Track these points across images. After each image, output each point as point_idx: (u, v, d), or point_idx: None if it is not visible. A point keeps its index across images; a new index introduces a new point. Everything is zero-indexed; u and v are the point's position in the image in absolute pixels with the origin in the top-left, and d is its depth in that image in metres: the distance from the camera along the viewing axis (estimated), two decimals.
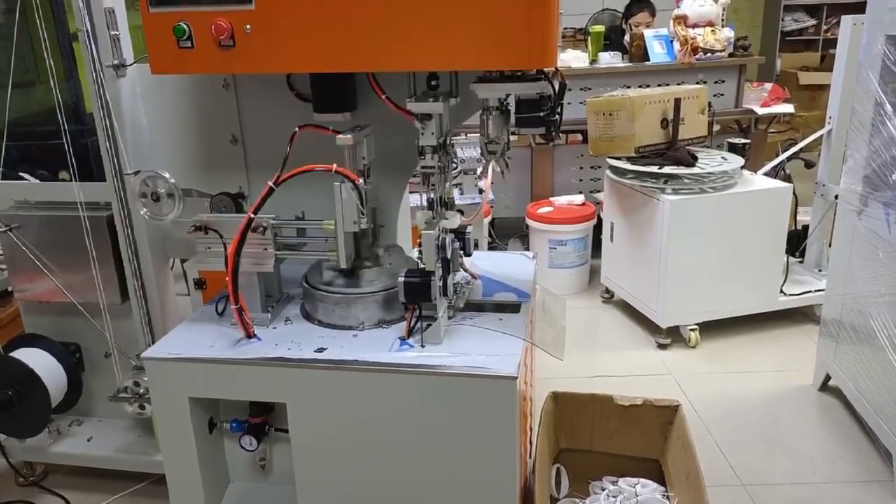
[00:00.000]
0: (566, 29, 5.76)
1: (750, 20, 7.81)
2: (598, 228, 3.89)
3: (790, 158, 3.57)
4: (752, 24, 7.79)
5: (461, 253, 1.70)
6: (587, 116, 3.40)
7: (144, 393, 2.05)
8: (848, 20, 3.09)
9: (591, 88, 4.11)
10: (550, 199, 4.11)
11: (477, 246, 1.71)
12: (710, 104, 3.50)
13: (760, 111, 4.21)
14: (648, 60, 4.14)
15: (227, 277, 1.55)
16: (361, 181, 1.57)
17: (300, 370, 1.54)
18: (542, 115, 1.55)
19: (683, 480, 1.95)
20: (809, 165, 3.79)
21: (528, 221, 3.97)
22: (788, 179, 3.47)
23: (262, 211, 1.58)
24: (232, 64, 1.47)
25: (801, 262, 3.70)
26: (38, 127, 2.21)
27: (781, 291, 3.35)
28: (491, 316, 1.69)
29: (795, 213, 3.47)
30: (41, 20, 1.89)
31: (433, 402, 1.50)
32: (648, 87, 4.03)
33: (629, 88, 3.91)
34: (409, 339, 1.58)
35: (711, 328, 3.31)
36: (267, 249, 1.63)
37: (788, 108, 4.29)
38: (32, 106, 2.23)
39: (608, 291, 3.81)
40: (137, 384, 2.05)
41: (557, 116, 1.56)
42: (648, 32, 4.18)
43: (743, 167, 3.30)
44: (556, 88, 1.52)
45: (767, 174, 3.47)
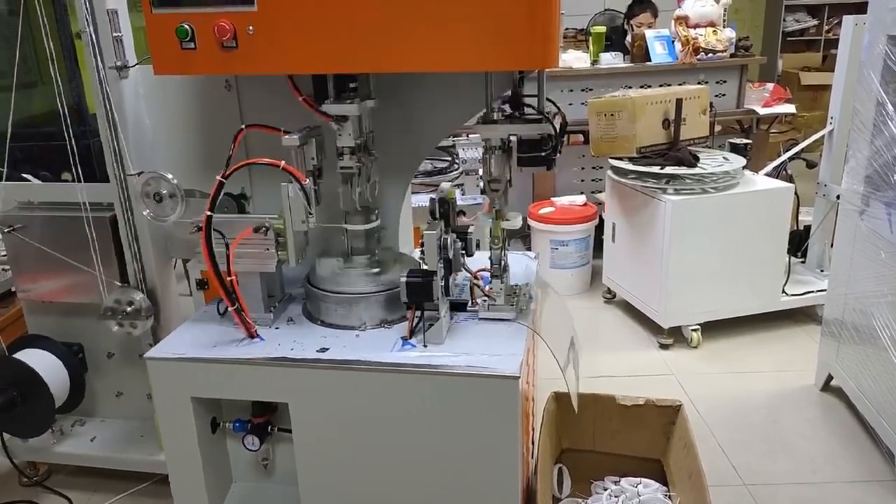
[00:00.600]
0: (567, 29, 5.76)
1: (751, 20, 7.80)
2: (599, 229, 3.89)
3: (792, 159, 3.58)
4: (753, 24, 7.79)
5: (463, 253, 1.71)
6: (588, 117, 3.40)
7: (131, 312, 2.02)
8: (849, 20, 3.08)
9: (592, 89, 4.11)
10: (552, 199, 4.11)
11: (478, 246, 1.71)
12: (711, 104, 3.51)
13: (762, 111, 4.21)
14: (650, 61, 4.14)
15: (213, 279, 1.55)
16: (309, 181, 1.58)
17: (303, 370, 1.54)
18: (543, 154, 1.57)
19: (685, 480, 1.95)
20: (811, 165, 3.80)
21: (529, 222, 3.97)
22: (790, 180, 3.47)
23: (262, 211, 1.58)
24: (234, 65, 1.48)
25: (802, 262, 3.70)
26: (41, 128, 2.21)
27: (783, 291, 3.35)
28: None
29: (797, 213, 3.46)
30: (44, 22, 1.89)
31: (435, 401, 1.50)
32: (650, 87, 4.02)
33: (630, 89, 3.90)
34: (411, 338, 1.58)
35: (713, 328, 3.30)
36: (269, 250, 1.63)
37: (790, 108, 4.29)
38: (35, 107, 2.23)
39: (610, 292, 3.81)
40: (119, 301, 2.03)
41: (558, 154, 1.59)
42: (650, 33, 4.18)
43: (744, 167, 3.30)
44: (556, 129, 1.54)
45: (769, 174, 3.47)
